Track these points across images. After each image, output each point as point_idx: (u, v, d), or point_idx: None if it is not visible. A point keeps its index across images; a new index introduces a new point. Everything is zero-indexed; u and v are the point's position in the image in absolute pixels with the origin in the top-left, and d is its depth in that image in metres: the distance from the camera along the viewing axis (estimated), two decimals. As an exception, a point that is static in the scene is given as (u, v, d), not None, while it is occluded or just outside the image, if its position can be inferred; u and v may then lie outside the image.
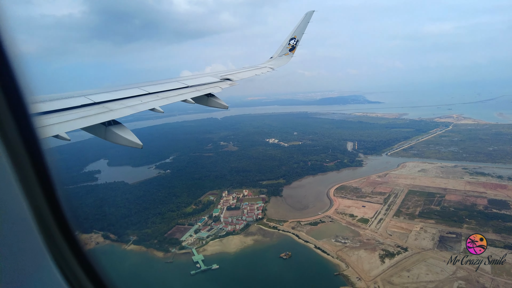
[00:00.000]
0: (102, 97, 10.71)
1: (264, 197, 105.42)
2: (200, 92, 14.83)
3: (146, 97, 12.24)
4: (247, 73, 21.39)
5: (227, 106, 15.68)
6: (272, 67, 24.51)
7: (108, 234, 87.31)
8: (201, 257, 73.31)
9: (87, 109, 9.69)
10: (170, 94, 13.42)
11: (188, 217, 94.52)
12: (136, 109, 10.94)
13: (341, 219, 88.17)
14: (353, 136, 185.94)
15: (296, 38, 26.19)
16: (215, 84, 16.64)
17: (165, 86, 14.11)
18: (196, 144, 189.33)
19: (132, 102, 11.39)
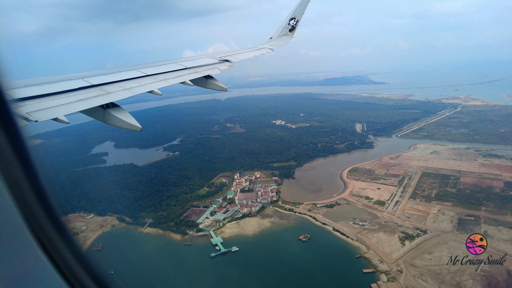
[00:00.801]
0: (99, 80, 10.61)
1: (276, 179, 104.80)
2: (199, 74, 14.61)
3: (144, 79, 12.12)
4: (246, 54, 21.02)
5: (226, 88, 15.33)
6: (272, 48, 24.17)
7: (122, 217, 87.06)
8: (220, 240, 73.20)
9: (85, 92, 9.64)
10: (168, 76, 13.25)
11: (202, 199, 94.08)
12: (134, 92, 10.89)
13: (357, 201, 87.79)
14: (361, 118, 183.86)
15: (296, 18, 25.57)
16: (213, 66, 16.37)
17: (163, 67, 13.90)
18: (202, 126, 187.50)
19: (130, 84, 11.30)
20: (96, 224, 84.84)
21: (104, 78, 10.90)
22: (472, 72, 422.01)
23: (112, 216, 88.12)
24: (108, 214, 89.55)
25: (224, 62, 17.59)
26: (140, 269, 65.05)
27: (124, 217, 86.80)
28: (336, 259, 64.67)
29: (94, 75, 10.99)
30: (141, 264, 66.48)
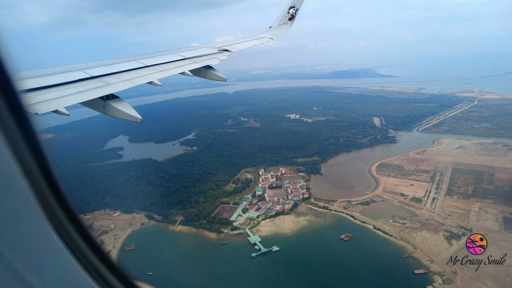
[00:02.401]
0: (99, 71, 10.51)
1: (303, 175, 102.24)
2: (198, 64, 14.39)
3: (144, 70, 11.96)
4: (245, 44, 20.68)
5: (226, 78, 15.20)
6: (271, 37, 23.89)
7: (151, 214, 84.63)
8: (258, 239, 70.87)
9: (84, 83, 9.54)
10: (168, 67, 13.09)
11: (231, 195, 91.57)
12: (134, 83, 10.78)
13: (392, 198, 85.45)
14: (377, 111, 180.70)
15: (296, 7, 25.10)
16: (213, 56, 16.12)
17: (162, 58, 13.70)
18: (215, 120, 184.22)
19: (129, 75, 11.17)
20: (124, 222, 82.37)
21: (104, 70, 10.78)
22: (480, 65, 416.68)
23: (140, 214, 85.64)
24: (136, 211, 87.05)
25: (224, 52, 17.31)
26: (179, 270, 62.83)
27: (153, 215, 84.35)
28: (383, 259, 62.43)
29: (93, 67, 10.84)
30: (179, 265, 64.22)
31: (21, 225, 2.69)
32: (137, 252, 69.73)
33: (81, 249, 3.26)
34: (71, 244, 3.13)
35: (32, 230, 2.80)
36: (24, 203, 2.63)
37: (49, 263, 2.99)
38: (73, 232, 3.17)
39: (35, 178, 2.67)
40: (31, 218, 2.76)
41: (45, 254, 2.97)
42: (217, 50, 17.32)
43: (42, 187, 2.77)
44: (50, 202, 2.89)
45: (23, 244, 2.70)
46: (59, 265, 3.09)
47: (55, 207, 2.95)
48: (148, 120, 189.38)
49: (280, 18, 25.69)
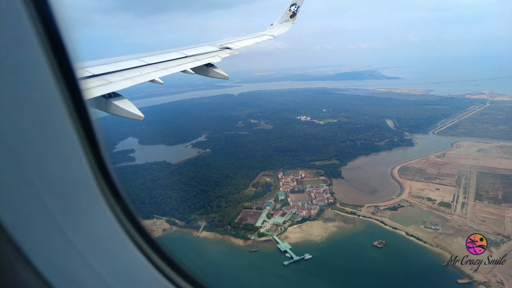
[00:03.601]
0: (100, 69, 10.49)
1: (324, 179, 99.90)
2: (200, 62, 14.40)
3: (145, 68, 11.94)
4: (247, 41, 20.52)
5: (227, 76, 15.14)
6: (273, 34, 23.61)
7: (172, 220, 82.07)
8: (288, 246, 68.34)
9: (85, 82, 9.42)
10: (169, 65, 13.07)
11: (253, 200, 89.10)
12: (136, 81, 10.72)
13: (420, 203, 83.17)
14: (388, 113, 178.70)
15: (297, 4, 24.82)
16: (214, 54, 16.12)
17: (164, 56, 13.67)
18: (225, 122, 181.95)
19: (131, 73, 11.14)
20: (145, 228, 79.63)
21: (105, 68, 10.69)
22: (485, 66, 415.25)
23: (160, 219, 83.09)
24: (155, 216, 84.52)
25: (225, 50, 17.20)
26: (211, 279, 60.01)
27: (174, 220, 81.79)
28: (422, 267, 60.03)
29: (94, 65, 10.71)
30: (210, 274, 61.50)
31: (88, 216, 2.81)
32: (162, 259, 67.04)
33: (142, 245, 3.30)
34: (130, 235, 3.17)
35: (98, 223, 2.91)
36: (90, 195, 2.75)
37: (115, 254, 3.09)
38: (128, 224, 3.18)
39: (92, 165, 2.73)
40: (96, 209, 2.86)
41: (110, 243, 3.05)
42: (218, 48, 17.17)
43: (97, 174, 2.80)
44: (105, 189, 2.92)
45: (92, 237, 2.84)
46: (125, 259, 3.16)
47: (110, 198, 2.98)
48: (157, 122, 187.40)
49: (281, 16, 25.37)
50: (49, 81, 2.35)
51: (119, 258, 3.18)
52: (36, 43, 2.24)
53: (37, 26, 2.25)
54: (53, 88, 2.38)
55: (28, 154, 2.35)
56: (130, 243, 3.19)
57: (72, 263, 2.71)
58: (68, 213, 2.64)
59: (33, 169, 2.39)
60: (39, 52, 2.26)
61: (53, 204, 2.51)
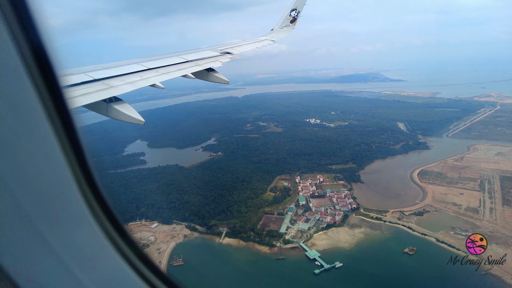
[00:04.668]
0: (102, 74, 10.58)
1: (343, 183, 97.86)
2: (200, 66, 14.51)
3: (146, 73, 12.05)
4: (247, 46, 20.66)
5: (228, 80, 15.23)
6: (273, 39, 23.75)
7: (192, 225, 79.87)
8: (317, 253, 66.13)
9: (87, 86, 9.57)
10: (170, 70, 13.20)
11: (273, 205, 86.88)
12: (136, 86, 10.81)
13: (445, 208, 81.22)
14: (398, 116, 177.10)
15: (298, 9, 25.07)
16: (215, 58, 16.23)
17: (164, 61, 13.82)
18: (233, 125, 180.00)
19: (132, 78, 11.27)
20: (165, 234, 77.49)
21: (107, 72, 10.80)
22: (489, 69, 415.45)
23: (180, 225, 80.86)
24: (175, 222, 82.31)
25: (226, 55, 17.25)
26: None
27: (195, 226, 79.58)
28: (460, 276, 57.87)
29: (96, 70, 10.86)
30: (238, 283, 59.42)
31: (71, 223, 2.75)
32: (186, 267, 64.78)
33: (124, 250, 3.23)
34: (116, 245, 3.12)
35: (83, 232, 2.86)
36: (72, 201, 2.68)
37: (100, 264, 3.04)
38: (115, 233, 3.13)
39: (76, 172, 2.67)
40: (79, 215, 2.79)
41: (94, 254, 3.00)
42: (219, 53, 17.22)
43: (82, 183, 2.74)
44: (90, 198, 2.86)
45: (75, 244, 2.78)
46: (107, 266, 3.11)
47: (94, 204, 2.91)
48: (164, 125, 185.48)
49: (281, 21, 25.43)
50: (28, 87, 2.26)
51: (103, 268, 3.06)
52: (13, 48, 2.16)
53: (15, 30, 2.17)
54: (32, 95, 2.28)
55: (7, 163, 2.27)
56: (116, 253, 3.06)
57: (54, 275, 2.61)
58: (51, 223, 2.52)
59: (13, 178, 2.30)
60: (16, 58, 2.19)
61: (35, 214, 2.41)
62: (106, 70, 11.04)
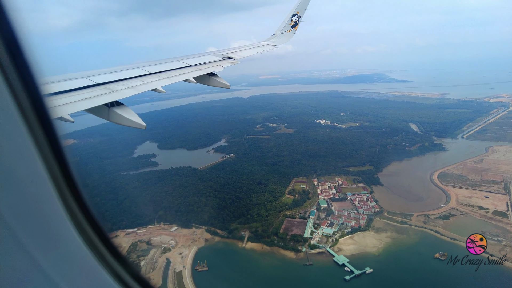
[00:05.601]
0: (104, 78, 10.57)
1: (363, 186, 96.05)
2: (202, 71, 14.56)
3: (148, 78, 12.06)
4: (249, 51, 20.77)
5: (229, 85, 15.25)
6: (274, 45, 23.84)
7: (212, 229, 78.06)
8: (345, 259, 64.19)
9: (89, 91, 9.61)
10: (172, 74, 13.19)
11: (294, 208, 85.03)
12: (138, 90, 10.85)
13: (472, 211, 79.29)
14: (410, 117, 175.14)
15: (299, 14, 25.10)
16: (216, 63, 16.30)
17: (166, 66, 13.78)
18: (243, 126, 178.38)
19: (134, 82, 11.24)
20: (185, 238, 75.71)
21: (109, 77, 10.85)
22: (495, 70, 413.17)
23: (200, 228, 79.12)
24: (194, 225, 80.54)
25: (227, 59, 17.34)
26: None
27: (215, 230, 77.78)
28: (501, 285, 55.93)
29: (98, 74, 10.94)
30: None
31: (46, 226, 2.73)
32: (211, 273, 62.97)
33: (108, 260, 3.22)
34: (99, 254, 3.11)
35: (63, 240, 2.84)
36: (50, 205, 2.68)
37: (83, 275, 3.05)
38: (99, 242, 3.13)
39: (58, 180, 2.67)
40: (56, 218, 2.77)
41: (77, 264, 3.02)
42: (220, 58, 17.22)
43: (64, 189, 2.75)
44: (71, 203, 2.87)
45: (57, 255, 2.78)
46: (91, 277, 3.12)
47: (75, 207, 2.91)
48: (172, 126, 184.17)
49: (283, 26, 25.48)
50: (3, 90, 2.21)
51: (87, 278, 3.07)
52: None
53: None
54: (7, 98, 2.23)
55: None
56: (99, 263, 3.07)
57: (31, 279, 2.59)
58: (33, 234, 2.51)
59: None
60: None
61: (17, 226, 2.40)
62: (108, 75, 11.06)
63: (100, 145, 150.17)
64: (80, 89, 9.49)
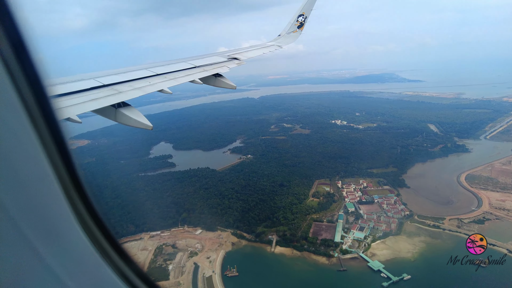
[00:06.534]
0: (110, 79, 10.60)
1: (389, 188, 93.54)
2: (208, 72, 14.72)
3: (154, 79, 12.11)
4: (254, 52, 20.79)
5: (235, 86, 15.34)
6: (280, 45, 23.85)
7: (238, 233, 76.49)
8: (381, 265, 62.06)
9: (96, 92, 9.67)
10: (178, 75, 13.32)
11: (321, 212, 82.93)
12: (145, 91, 10.89)
13: (508, 216, 76.46)
14: (427, 118, 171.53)
15: (305, 15, 24.98)
16: (222, 64, 16.39)
17: (172, 67, 13.94)
18: (257, 126, 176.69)
19: (140, 83, 11.27)
20: (211, 242, 74.09)
21: (115, 78, 10.86)
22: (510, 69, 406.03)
23: (225, 231, 77.48)
24: (219, 228, 78.87)
25: (233, 60, 17.44)
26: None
27: (241, 233, 76.13)
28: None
29: (105, 75, 10.97)
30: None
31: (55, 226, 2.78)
32: (242, 279, 61.29)
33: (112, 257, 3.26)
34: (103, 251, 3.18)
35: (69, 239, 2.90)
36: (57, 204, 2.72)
37: (87, 271, 3.10)
38: (103, 240, 3.18)
39: (63, 177, 2.72)
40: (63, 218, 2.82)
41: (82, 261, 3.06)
42: (226, 59, 17.32)
43: (69, 187, 2.81)
44: (76, 200, 2.93)
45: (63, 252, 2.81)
46: (95, 273, 3.17)
47: (79, 204, 2.96)
48: (185, 127, 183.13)
49: (289, 26, 25.34)
50: (10, 92, 2.26)
51: (91, 275, 3.11)
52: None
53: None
54: (14, 99, 2.28)
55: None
56: (103, 260, 3.12)
57: (42, 283, 2.66)
58: (39, 231, 2.55)
59: None
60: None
61: (23, 222, 2.45)
62: (115, 76, 11.05)
63: (114, 146, 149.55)
64: (87, 90, 9.51)
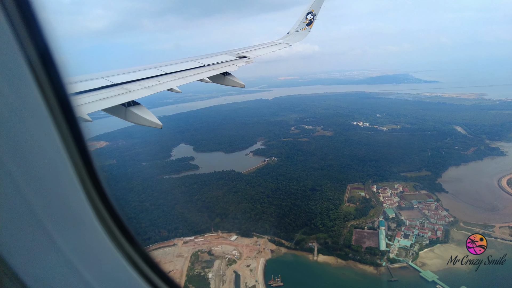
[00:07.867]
0: (120, 79, 10.61)
1: (427, 193, 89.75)
2: (217, 71, 14.66)
3: (163, 78, 12.06)
4: (263, 50, 20.71)
5: (244, 84, 15.32)
6: (289, 43, 23.73)
7: (276, 239, 73.75)
8: (434, 275, 58.72)
9: (106, 91, 9.66)
10: (187, 74, 13.20)
11: (360, 218, 79.68)
12: (154, 90, 10.90)
13: None
14: (453, 119, 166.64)
15: (314, 12, 24.66)
16: (231, 63, 16.35)
17: (181, 66, 13.93)
18: (276, 128, 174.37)
19: (149, 82, 11.26)
20: (248, 249, 71.44)
21: (125, 77, 10.84)
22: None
23: (262, 238, 74.77)
24: (254, 234, 76.24)
25: (242, 59, 17.32)
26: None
27: (279, 240, 73.28)
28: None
29: (115, 74, 10.94)
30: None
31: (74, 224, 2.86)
32: (288, 289, 58.36)
33: (128, 251, 3.32)
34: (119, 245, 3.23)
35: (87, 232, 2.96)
36: (77, 202, 2.80)
37: (103, 263, 3.15)
38: (119, 234, 3.24)
39: (80, 170, 2.80)
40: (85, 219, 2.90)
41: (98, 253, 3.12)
42: (235, 57, 17.18)
43: (85, 179, 2.87)
44: (92, 192, 2.98)
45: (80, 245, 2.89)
46: (110, 265, 3.22)
47: (94, 195, 3.01)
48: (203, 128, 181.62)
49: (298, 24, 25.20)
50: (33, 91, 2.36)
51: (106, 267, 3.17)
52: (18, 52, 2.22)
53: (20, 33, 2.23)
54: (37, 98, 2.38)
55: (18, 166, 2.38)
56: (119, 253, 3.19)
57: (60, 274, 2.76)
58: (58, 224, 2.64)
59: (24, 180, 2.41)
60: (21, 61, 2.25)
61: (44, 215, 2.55)
62: (125, 75, 11.07)
63: (134, 148, 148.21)
64: (98, 89, 9.48)
